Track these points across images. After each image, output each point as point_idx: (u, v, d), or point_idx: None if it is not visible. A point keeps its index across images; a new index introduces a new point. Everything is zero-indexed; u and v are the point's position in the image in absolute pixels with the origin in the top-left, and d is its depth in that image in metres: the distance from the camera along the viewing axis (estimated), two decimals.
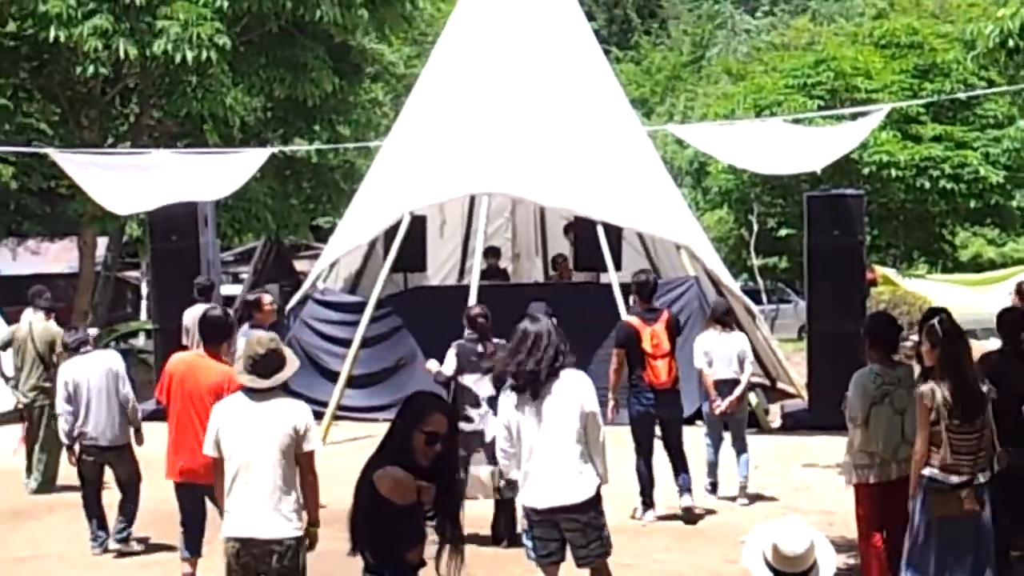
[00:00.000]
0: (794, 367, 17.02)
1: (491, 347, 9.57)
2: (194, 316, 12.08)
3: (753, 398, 13.04)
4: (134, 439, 9.89)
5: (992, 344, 9.37)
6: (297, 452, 6.32)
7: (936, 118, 26.87)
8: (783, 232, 29.92)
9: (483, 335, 9.69)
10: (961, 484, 6.85)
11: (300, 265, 34.15)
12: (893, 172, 25.45)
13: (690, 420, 11.93)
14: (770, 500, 11.21)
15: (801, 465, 12.74)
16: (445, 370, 9.71)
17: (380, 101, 30.39)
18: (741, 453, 11.24)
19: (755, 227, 32.20)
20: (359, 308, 15.86)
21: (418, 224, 16.34)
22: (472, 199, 17.44)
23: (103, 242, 24.39)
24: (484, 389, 9.53)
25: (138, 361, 18.49)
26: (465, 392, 9.62)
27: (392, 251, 15.99)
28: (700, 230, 18.56)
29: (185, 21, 18.94)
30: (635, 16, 58.74)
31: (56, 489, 11.95)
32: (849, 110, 21.05)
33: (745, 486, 11.18)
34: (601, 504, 6.98)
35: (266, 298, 10.64)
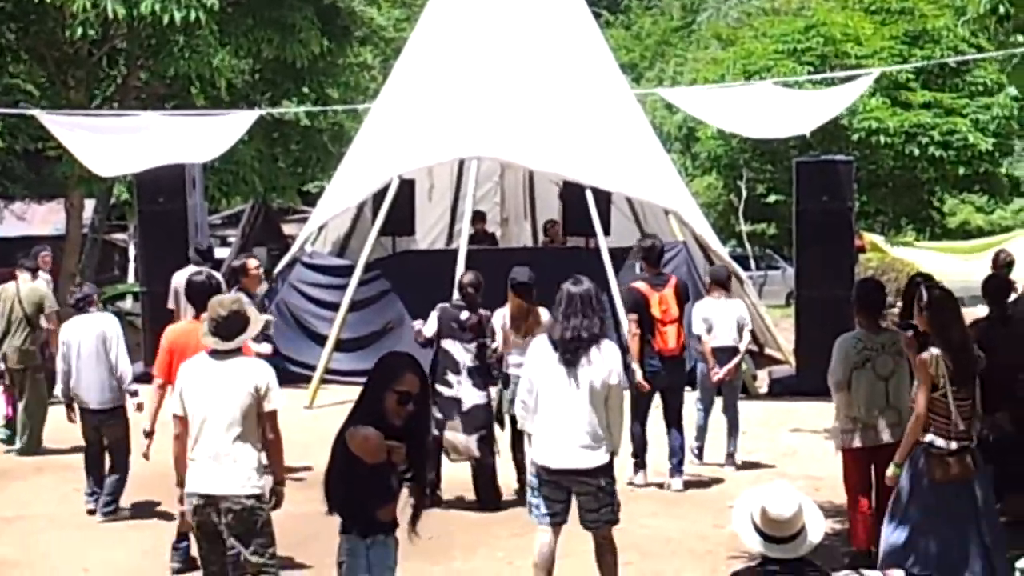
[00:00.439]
0: (782, 333, 17.07)
1: (474, 317, 9.57)
2: (184, 279, 12.00)
3: (742, 364, 13.06)
4: (131, 405, 9.69)
5: (980, 311, 9.41)
6: (259, 412, 6.36)
7: (926, 85, 26.84)
8: (772, 198, 29.93)
9: (471, 305, 9.67)
10: (960, 449, 6.87)
11: (288, 228, 34.10)
12: (882, 139, 25.48)
13: None
14: (758, 466, 11.24)
15: (788, 431, 12.78)
16: (426, 331, 9.69)
17: (369, 64, 30.24)
18: (733, 426, 11.22)
19: (744, 193, 32.20)
20: (347, 272, 15.85)
21: (406, 188, 16.32)
22: (461, 163, 17.41)
23: (90, 204, 24.28)
24: (463, 356, 9.55)
25: (126, 324, 18.44)
26: (446, 355, 9.61)
27: (380, 215, 15.99)
28: (689, 195, 18.56)
29: None
30: None
31: (42, 452, 11.89)
32: (838, 74, 21.01)
33: (733, 454, 11.19)
34: (613, 471, 7.07)
35: (251, 262, 10.55)
